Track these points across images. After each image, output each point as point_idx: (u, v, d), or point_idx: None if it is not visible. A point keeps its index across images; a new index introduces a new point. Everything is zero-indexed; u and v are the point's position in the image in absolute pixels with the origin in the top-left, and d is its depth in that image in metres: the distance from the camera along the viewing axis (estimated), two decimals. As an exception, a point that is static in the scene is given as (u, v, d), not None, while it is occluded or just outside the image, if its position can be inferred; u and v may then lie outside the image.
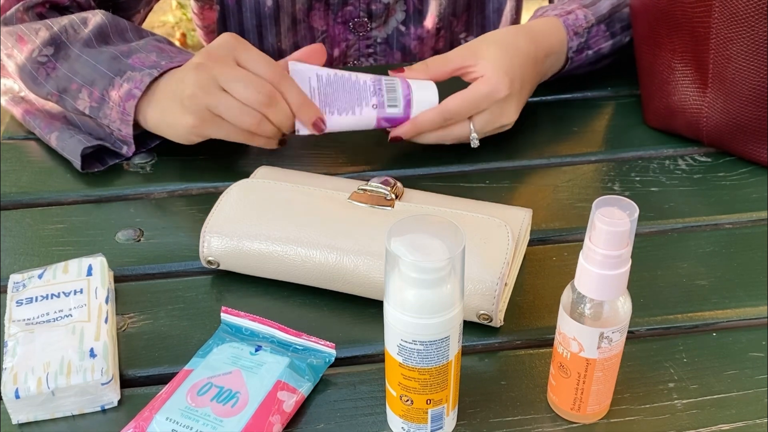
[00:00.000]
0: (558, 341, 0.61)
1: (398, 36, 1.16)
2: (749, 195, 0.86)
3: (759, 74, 0.82)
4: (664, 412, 0.64)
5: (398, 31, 1.15)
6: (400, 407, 0.61)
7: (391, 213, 0.75)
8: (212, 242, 0.75)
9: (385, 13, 1.13)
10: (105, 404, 0.66)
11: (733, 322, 0.72)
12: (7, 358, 0.65)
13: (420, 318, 0.55)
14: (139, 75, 0.86)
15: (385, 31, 1.15)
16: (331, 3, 1.11)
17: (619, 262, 0.55)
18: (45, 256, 0.80)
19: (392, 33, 1.16)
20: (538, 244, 0.81)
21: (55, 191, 0.89)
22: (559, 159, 0.93)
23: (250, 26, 1.12)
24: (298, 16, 1.11)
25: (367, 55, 1.17)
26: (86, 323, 0.68)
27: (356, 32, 1.14)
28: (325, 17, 1.12)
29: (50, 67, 0.89)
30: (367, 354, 0.70)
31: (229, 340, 0.69)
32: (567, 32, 0.95)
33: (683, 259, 0.78)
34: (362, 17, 1.13)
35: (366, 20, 1.13)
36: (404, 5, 1.13)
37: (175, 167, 0.92)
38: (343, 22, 1.13)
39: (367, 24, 1.13)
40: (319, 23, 1.13)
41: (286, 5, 1.10)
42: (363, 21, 1.13)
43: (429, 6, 1.13)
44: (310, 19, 1.12)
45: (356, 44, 1.15)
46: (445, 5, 1.13)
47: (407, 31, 1.16)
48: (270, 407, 0.62)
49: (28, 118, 0.94)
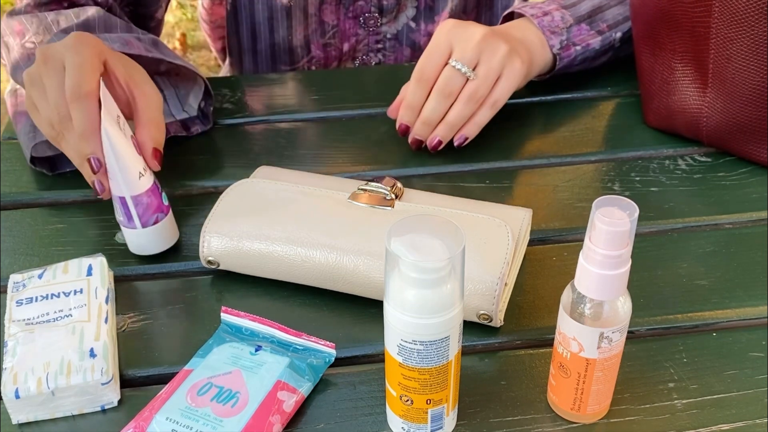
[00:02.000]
0: (558, 341, 0.61)
1: (408, 32, 1.17)
2: (749, 195, 0.86)
3: (759, 74, 0.82)
4: (664, 412, 0.64)
5: (408, 27, 1.16)
6: (400, 407, 0.61)
7: (391, 213, 0.75)
8: (212, 242, 0.75)
9: (396, 8, 1.14)
10: (105, 404, 0.66)
11: (733, 322, 0.72)
12: (7, 358, 0.65)
13: (420, 318, 0.55)
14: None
15: (395, 26, 1.16)
16: None
17: (619, 262, 0.55)
18: (45, 256, 0.80)
19: (402, 29, 1.16)
20: (538, 244, 0.81)
21: (55, 191, 0.89)
22: (559, 159, 0.93)
23: (261, 19, 1.12)
24: (310, 10, 1.12)
25: (377, 51, 1.17)
26: (86, 323, 0.68)
27: (366, 27, 1.15)
28: (336, 12, 1.13)
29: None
30: (367, 354, 0.70)
31: (229, 340, 0.69)
32: (543, 32, 0.95)
33: (683, 259, 0.78)
34: (373, 12, 1.13)
35: (377, 15, 1.14)
36: (416, 2, 1.14)
37: (175, 167, 0.92)
38: (354, 16, 1.13)
39: (377, 19, 1.14)
40: (330, 17, 1.13)
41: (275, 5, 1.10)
42: (374, 16, 1.14)
43: (440, 3, 1.14)
44: (321, 13, 1.13)
45: (366, 39, 1.16)
46: (457, 2, 1.14)
47: (417, 27, 1.16)
48: (270, 407, 0.62)
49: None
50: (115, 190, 0.75)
